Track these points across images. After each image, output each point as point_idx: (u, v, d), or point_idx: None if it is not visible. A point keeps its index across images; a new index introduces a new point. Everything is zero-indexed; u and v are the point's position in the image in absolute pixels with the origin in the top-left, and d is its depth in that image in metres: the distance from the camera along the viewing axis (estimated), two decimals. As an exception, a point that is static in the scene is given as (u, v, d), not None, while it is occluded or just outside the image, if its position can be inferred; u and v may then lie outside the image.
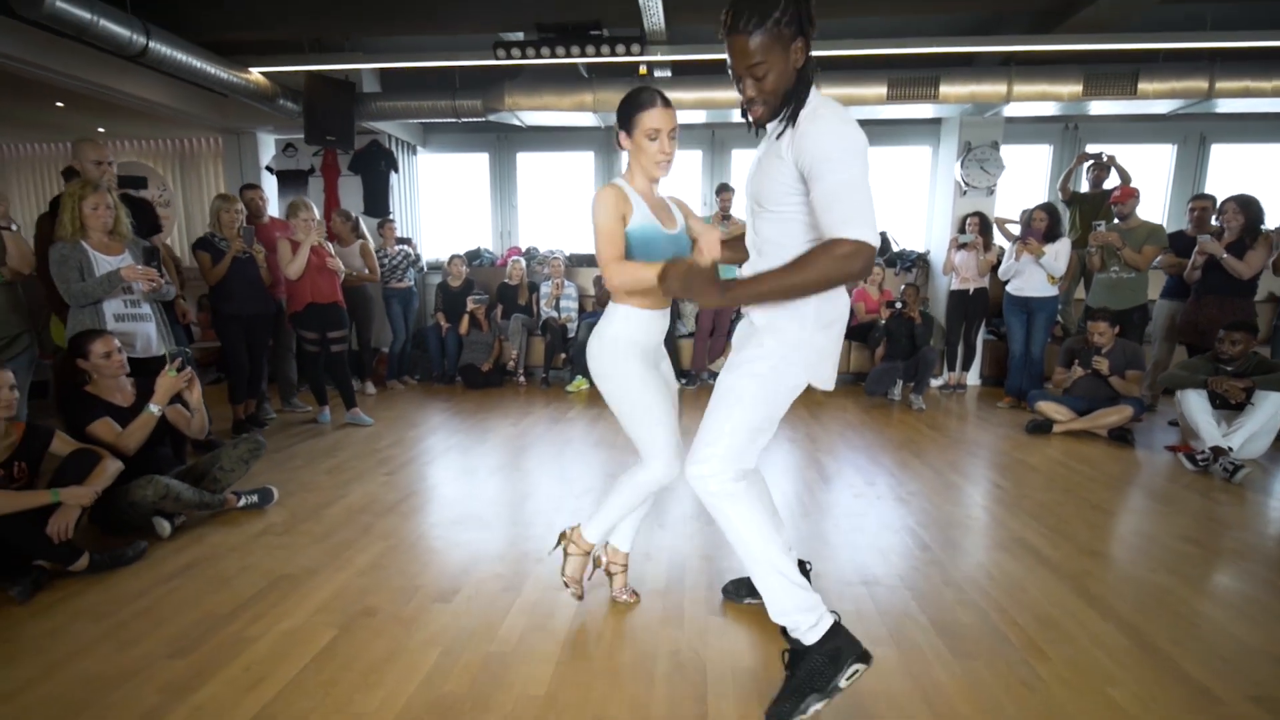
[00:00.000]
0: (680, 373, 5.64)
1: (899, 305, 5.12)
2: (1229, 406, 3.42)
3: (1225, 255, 3.84)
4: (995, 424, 4.33)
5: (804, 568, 1.91)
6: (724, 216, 5.24)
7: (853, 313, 5.75)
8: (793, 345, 1.43)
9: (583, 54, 4.34)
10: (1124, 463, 3.46)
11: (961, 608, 1.93)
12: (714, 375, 5.68)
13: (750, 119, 1.44)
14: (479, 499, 2.86)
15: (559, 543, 1.94)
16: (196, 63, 4.14)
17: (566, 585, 1.90)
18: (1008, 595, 2.00)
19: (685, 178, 6.70)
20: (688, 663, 1.64)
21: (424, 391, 5.42)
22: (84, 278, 2.61)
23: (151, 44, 3.77)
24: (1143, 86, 4.72)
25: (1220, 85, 4.64)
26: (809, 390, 1.45)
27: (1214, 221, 4.21)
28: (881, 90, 4.93)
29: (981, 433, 4.10)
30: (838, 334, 1.50)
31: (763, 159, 1.44)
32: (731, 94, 5.04)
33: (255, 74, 4.72)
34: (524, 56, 4.41)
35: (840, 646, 1.39)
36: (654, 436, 1.69)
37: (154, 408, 2.47)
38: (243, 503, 2.68)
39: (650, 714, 1.45)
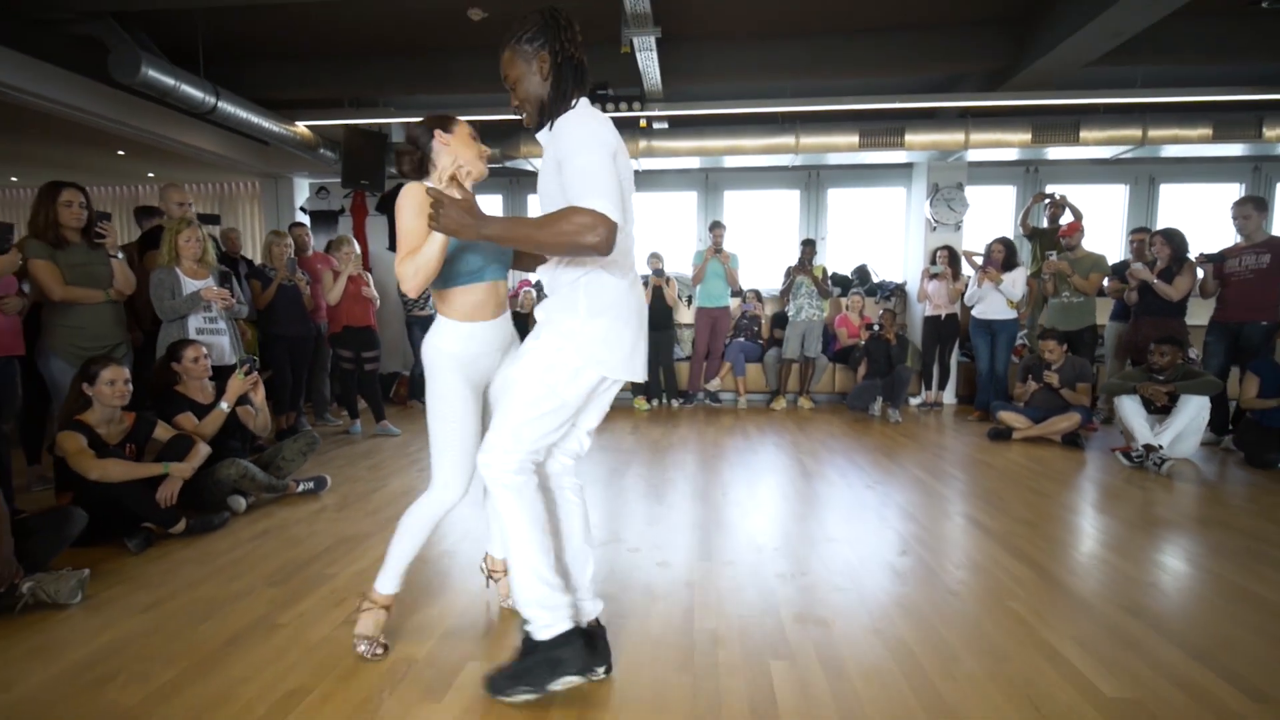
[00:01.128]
0: (677, 393, 6.12)
1: (877, 327, 5.63)
2: (1160, 410, 3.88)
3: (1155, 281, 4.36)
4: (963, 434, 4.78)
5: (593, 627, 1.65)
6: (716, 250, 5.79)
7: (835, 337, 6.29)
8: (566, 334, 1.48)
9: (590, 109, 4.97)
10: (1071, 462, 3.90)
11: (903, 558, 2.36)
12: (710, 395, 6.16)
13: (525, 121, 1.57)
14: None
15: (359, 606, 1.73)
16: (255, 118, 4.76)
17: (356, 644, 1.67)
18: (943, 549, 2.44)
19: (681, 217, 7.32)
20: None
21: (442, 410, 5.87)
22: (174, 297, 3.13)
23: (220, 103, 4.39)
24: (1084, 134, 5.36)
25: (1152, 133, 5.27)
26: (796, 407, 1.92)
27: (1148, 252, 4.75)
28: (854, 139, 5.57)
29: (949, 440, 4.56)
30: (615, 323, 1.49)
31: (544, 163, 1.52)
32: (723, 142, 5.68)
33: (301, 127, 5.35)
34: (539, 111, 5.03)
35: (564, 657, 1.45)
36: (445, 460, 1.67)
37: (224, 405, 2.93)
38: (301, 488, 3.12)
39: (649, 613, 1.87)
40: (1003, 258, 5.18)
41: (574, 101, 1.50)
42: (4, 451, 2.70)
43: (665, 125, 5.68)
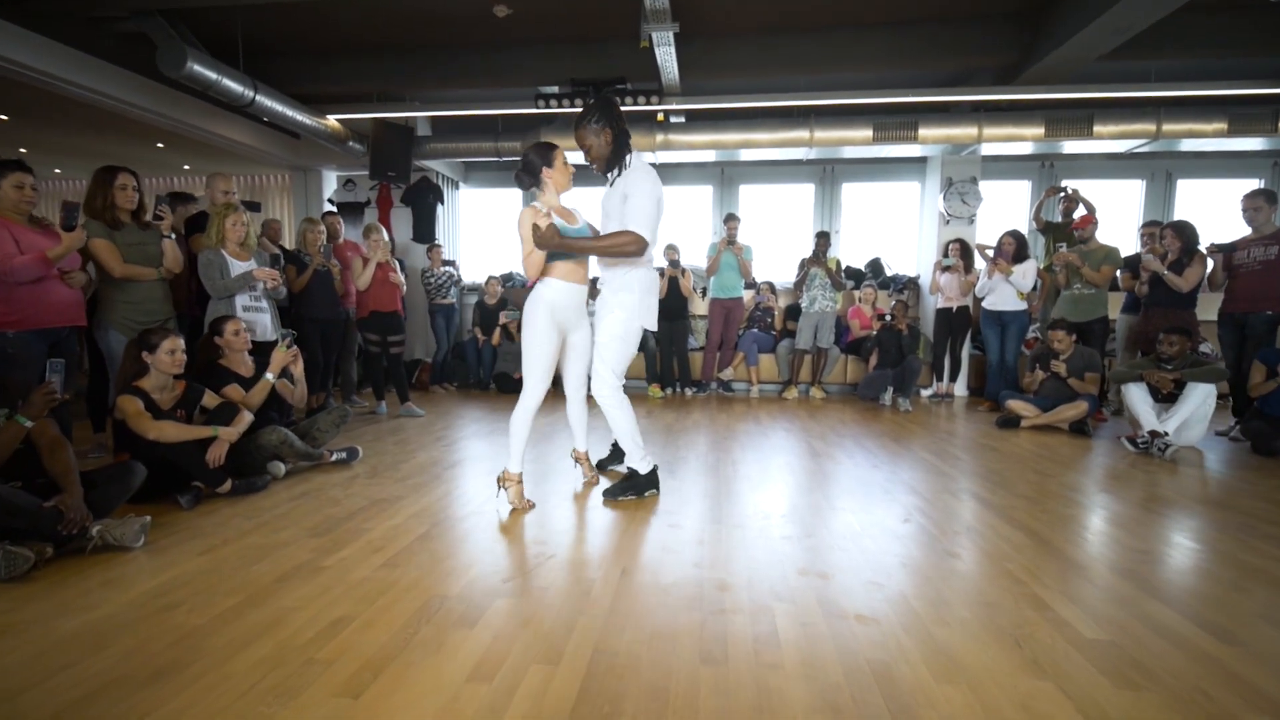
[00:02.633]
0: (691, 382, 6.25)
1: (889, 317, 5.72)
2: (1166, 398, 3.94)
3: (1166, 272, 4.41)
4: (972, 423, 4.86)
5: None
6: (730, 241, 5.91)
7: (848, 329, 6.38)
8: (629, 308, 2.62)
9: (609, 103, 5.12)
10: (1078, 448, 3.98)
11: (905, 525, 2.48)
12: (723, 384, 6.28)
13: (595, 169, 2.67)
14: (526, 459, 3.45)
15: (499, 486, 2.66)
16: (290, 111, 4.98)
17: (515, 509, 2.58)
18: (945, 519, 2.55)
19: (697, 209, 7.45)
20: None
21: (462, 395, 6.08)
22: (222, 277, 3.33)
23: (258, 97, 4.60)
24: (1098, 129, 5.40)
25: (1166, 128, 5.30)
26: (808, 397, 2.06)
27: (1159, 244, 4.79)
28: (868, 133, 5.66)
29: (958, 428, 4.64)
30: (652, 298, 2.69)
31: (611, 193, 2.63)
32: (738, 135, 5.80)
33: (332, 120, 5.57)
34: (560, 106, 5.20)
35: (654, 481, 2.76)
36: (533, 373, 2.54)
37: (270, 375, 3.13)
38: (335, 457, 3.31)
39: (663, 565, 2.02)
40: (1013, 250, 5.24)
41: (628, 157, 2.58)
42: (66, 417, 2.91)
43: (682, 119, 5.82)
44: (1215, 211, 6.61)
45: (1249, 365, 4.04)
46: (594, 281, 3.64)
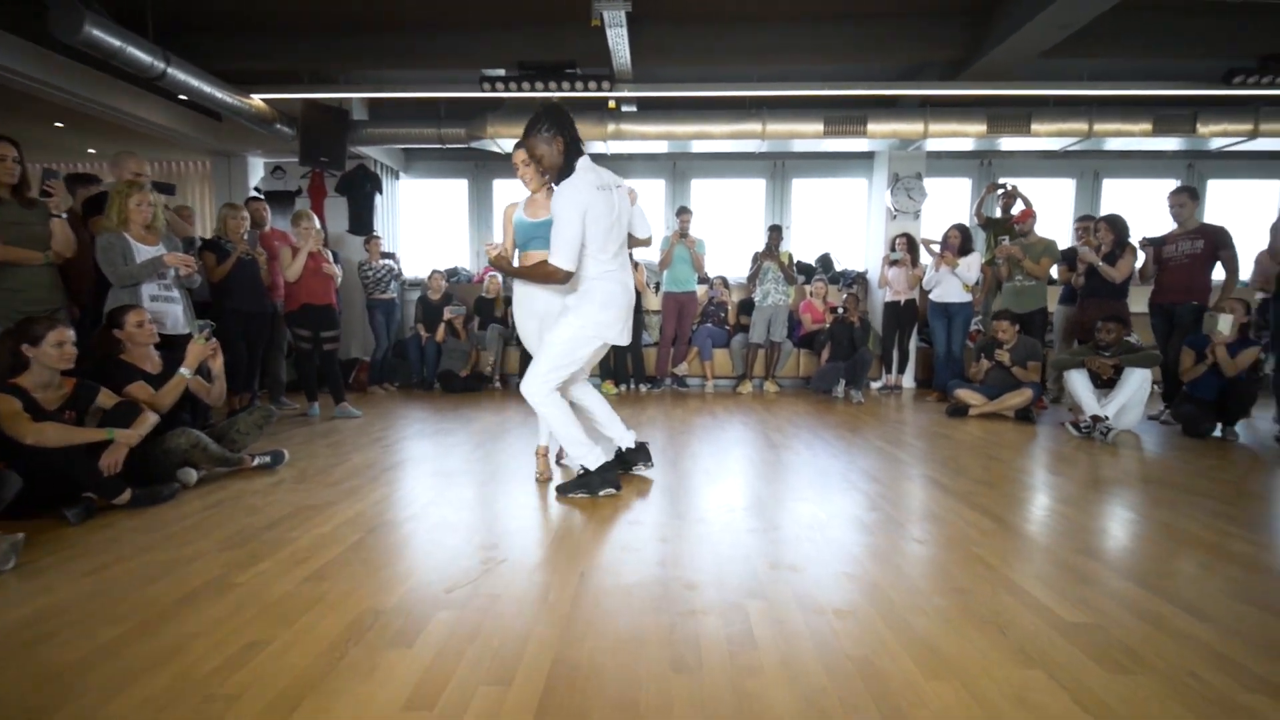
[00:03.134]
0: (645, 378, 6.12)
1: (841, 310, 5.75)
2: (1105, 384, 4.06)
3: (1101, 264, 4.57)
4: (922, 412, 4.92)
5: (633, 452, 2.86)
6: (682, 234, 5.81)
7: (800, 323, 6.39)
8: (586, 318, 2.51)
9: (559, 89, 4.94)
10: (1024, 434, 4.06)
11: (868, 513, 2.41)
12: (677, 380, 6.18)
13: (548, 179, 2.62)
14: (472, 458, 3.24)
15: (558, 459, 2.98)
16: (207, 88, 4.56)
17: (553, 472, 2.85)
18: (906, 506, 2.50)
19: (648, 203, 7.33)
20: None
21: (404, 395, 5.75)
22: (126, 263, 2.96)
23: (170, 70, 4.19)
24: (1035, 127, 5.58)
25: (1098, 127, 5.53)
26: (762, 391, 1.94)
27: (1093, 237, 4.98)
28: (819, 127, 5.67)
29: (909, 417, 4.68)
30: (618, 311, 2.54)
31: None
32: (691, 127, 5.71)
33: (257, 100, 5.15)
34: (506, 90, 4.97)
35: (609, 478, 2.55)
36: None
37: (185, 370, 2.80)
38: (256, 462, 3.00)
39: (623, 566, 1.86)
40: (959, 243, 5.35)
41: (575, 163, 2.41)
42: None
43: (634, 108, 5.68)
44: (1138, 209, 6.97)
45: (1177, 352, 4.22)
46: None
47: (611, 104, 5.41)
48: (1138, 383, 3.90)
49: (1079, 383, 4.02)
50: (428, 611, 1.59)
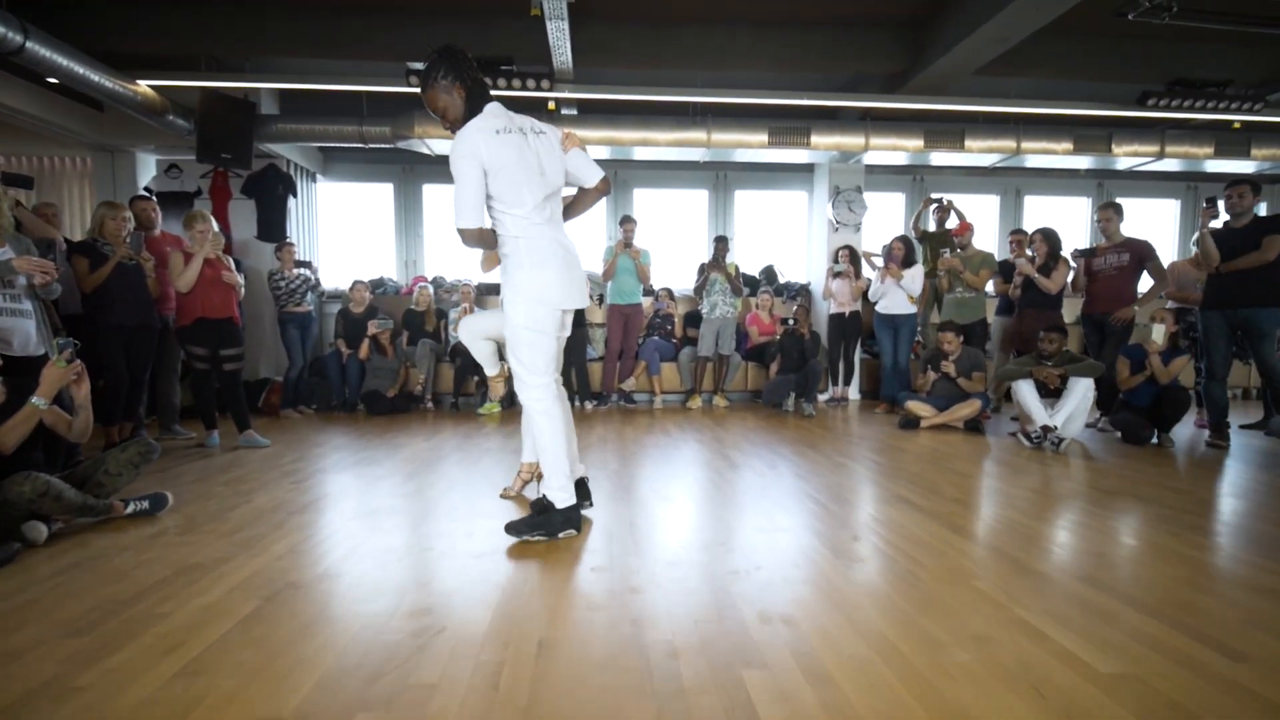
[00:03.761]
0: (590, 394, 5.80)
1: (792, 322, 5.66)
2: (1051, 394, 4.11)
3: (1036, 275, 4.67)
4: (874, 425, 4.86)
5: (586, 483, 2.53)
6: (626, 244, 5.57)
7: (747, 335, 6.26)
8: (519, 287, 2.14)
9: (494, 86, 4.59)
10: (977, 445, 4.03)
11: (854, 542, 2.21)
12: (625, 396, 5.90)
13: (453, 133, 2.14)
14: (401, 494, 2.83)
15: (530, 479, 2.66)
16: (80, 68, 3.93)
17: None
18: (890, 532, 2.32)
19: (589, 213, 7.05)
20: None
21: (323, 419, 5.18)
22: (-49, 267, 2.40)
23: (29, 43, 3.56)
24: (969, 143, 5.72)
25: (1025, 144, 5.73)
26: (711, 406, 1.70)
27: (1028, 250, 5.11)
28: (763, 137, 5.60)
29: (864, 431, 4.60)
30: (558, 270, 2.15)
31: None
32: (635, 133, 5.50)
33: (143, 86, 4.52)
34: (436, 85, 4.57)
35: (572, 518, 2.21)
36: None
37: (39, 400, 2.27)
38: (131, 509, 2.48)
39: (589, 633, 1.56)
40: (903, 255, 5.37)
41: (484, 109, 2.09)
42: None
43: (574, 111, 5.42)
44: (1056, 223, 7.32)
45: (1111, 362, 4.33)
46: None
47: (551, 105, 5.12)
48: (1082, 391, 3.95)
49: (1027, 393, 4.04)
50: (342, 716, 1.23)
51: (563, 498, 2.20)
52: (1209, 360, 4.04)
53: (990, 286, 5.32)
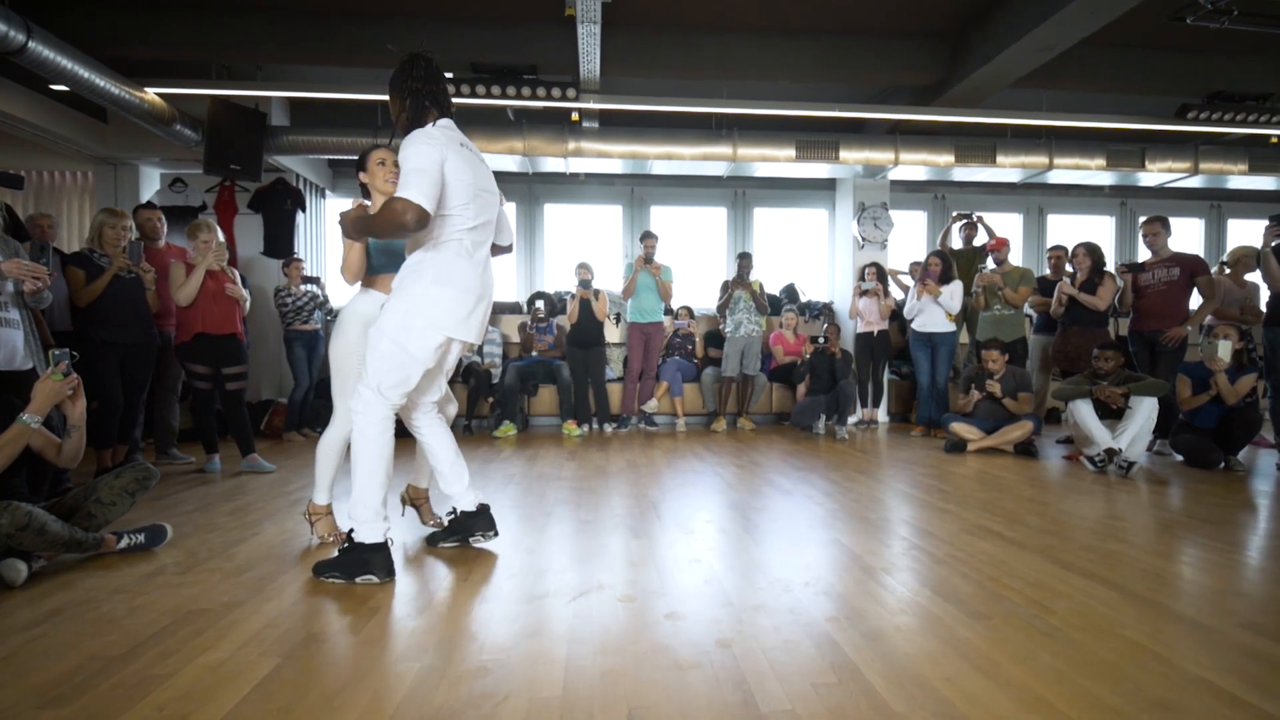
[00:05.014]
0: (610, 417, 5.53)
1: (822, 341, 5.43)
2: (1112, 414, 3.86)
3: (1082, 294, 4.46)
4: (915, 448, 4.59)
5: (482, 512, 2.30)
6: (647, 260, 5.36)
7: (772, 355, 6.02)
8: (412, 299, 1.90)
9: (517, 95, 4.42)
10: (1035, 470, 3.77)
11: (957, 579, 1.93)
12: (645, 418, 5.63)
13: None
14: (421, 524, 2.54)
15: (309, 520, 2.38)
16: (84, 72, 3.73)
17: (325, 541, 2.32)
18: (991, 567, 2.04)
19: (607, 230, 6.88)
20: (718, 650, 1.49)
21: (330, 443, 4.88)
22: (-69, 270, 2.14)
23: (32, 43, 3.37)
24: (1000, 158, 5.57)
25: (1057, 160, 5.58)
26: (737, 428, 1.45)
27: (1068, 266, 4.91)
28: (791, 151, 5.44)
29: (906, 454, 4.33)
30: (459, 293, 1.92)
31: None
32: (658, 147, 5.33)
33: (150, 93, 4.32)
34: (457, 95, 4.40)
35: (372, 560, 1.92)
36: (344, 391, 2.25)
37: (30, 418, 2.00)
38: (124, 543, 2.19)
39: (686, 701, 1.27)
40: (939, 270, 5.16)
41: (431, 124, 1.90)
42: None
43: (595, 123, 5.25)
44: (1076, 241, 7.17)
45: (1168, 381, 4.09)
46: None
47: (574, 116, 4.95)
48: (1147, 412, 3.70)
49: (1087, 414, 3.79)
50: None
51: (367, 533, 1.94)
52: (1277, 378, 3.81)
53: (1027, 305, 5.11)
